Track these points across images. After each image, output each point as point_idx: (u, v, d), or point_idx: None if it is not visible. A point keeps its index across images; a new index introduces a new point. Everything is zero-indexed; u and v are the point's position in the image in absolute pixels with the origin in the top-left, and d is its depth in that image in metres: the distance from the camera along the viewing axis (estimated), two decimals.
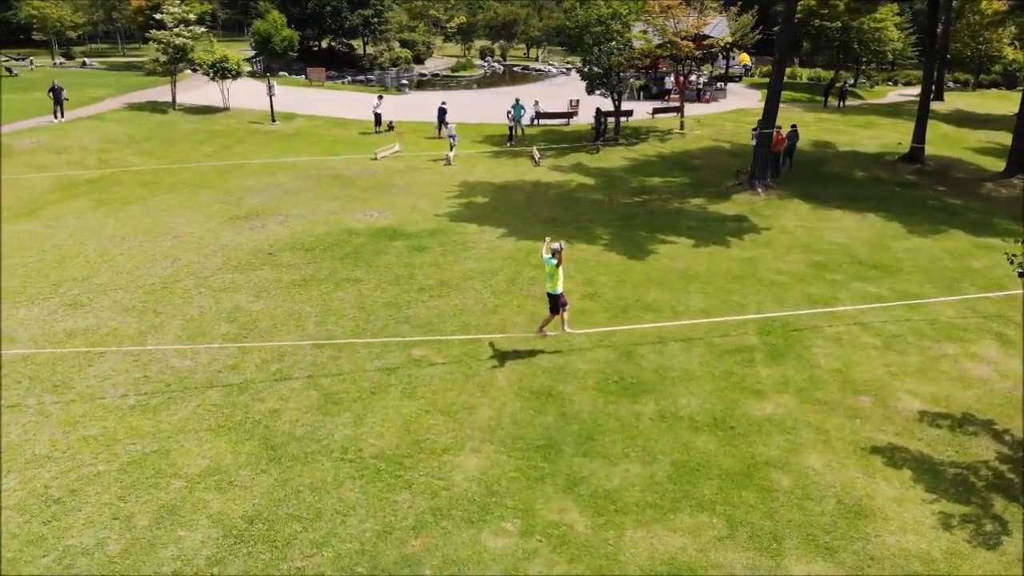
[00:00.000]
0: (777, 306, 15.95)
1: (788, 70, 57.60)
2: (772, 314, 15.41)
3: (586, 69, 32.92)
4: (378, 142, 33.40)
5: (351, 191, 25.56)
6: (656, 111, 38.70)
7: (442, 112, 34.79)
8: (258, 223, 21.74)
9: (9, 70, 49.64)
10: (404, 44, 66.51)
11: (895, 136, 34.20)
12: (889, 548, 9.07)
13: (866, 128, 36.09)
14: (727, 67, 49.69)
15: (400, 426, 11.46)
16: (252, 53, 55.72)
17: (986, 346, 14.23)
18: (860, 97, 49.11)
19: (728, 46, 36.61)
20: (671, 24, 32.66)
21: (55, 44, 64.96)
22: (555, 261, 13.36)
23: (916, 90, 44.50)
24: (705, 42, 33.95)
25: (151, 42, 37.34)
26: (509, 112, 34.09)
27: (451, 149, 30.65)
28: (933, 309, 16.01)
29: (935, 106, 38.90)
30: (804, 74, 60.49)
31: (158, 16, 37.20)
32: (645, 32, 34.02)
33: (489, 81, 63.01)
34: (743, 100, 45.10)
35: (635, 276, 17.73)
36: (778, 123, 26.38)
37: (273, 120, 37.06)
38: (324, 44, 61.71)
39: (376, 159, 30.41)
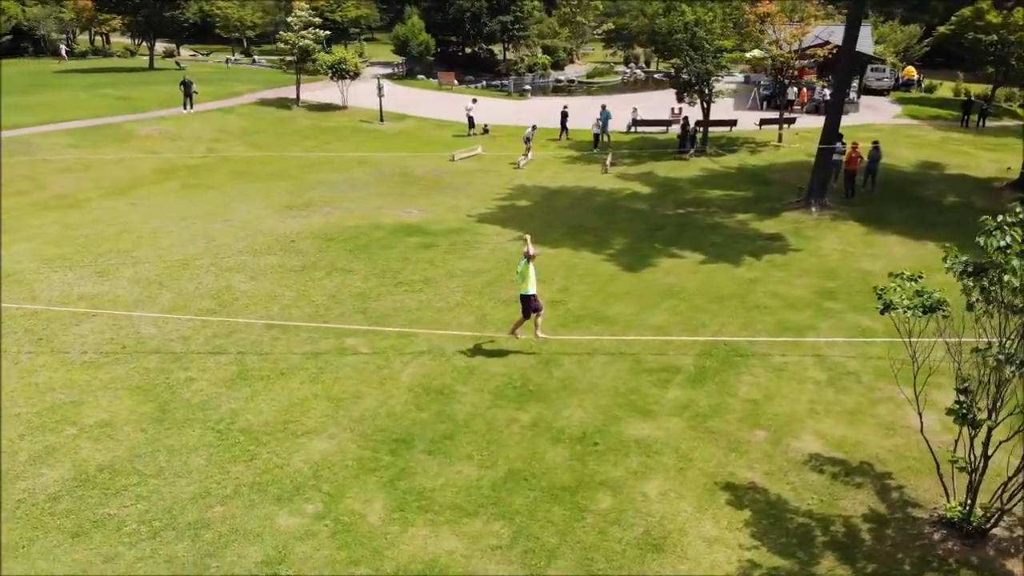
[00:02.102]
0: (739, 330, 15.04)
1: (951, 85, 52.44)
2: (726, 338, 14.57)
3: (674, 76, 32.07)
4: (466, 144, 34.46)
5: (408, 189, 26.73)
6: (763, 122, 36.83)
7: (564, 116, 35.68)
8: (305, 213, 23.39)
9: (177, 63, 55.82)
10: (546, 50, 67.48)
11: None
12: None
13: (992, 151, 32.21)
14: (860, 79, 46.03)
15: (282, 407, 12.19)
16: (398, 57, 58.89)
17: (950, 395, 12.63)
18: (1019, 117, 43.70)
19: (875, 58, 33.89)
20: (771, 32, 31.03)
21: (244, 42, 71.86)
22: (525, 261, 13.57)
23: None
24: (808, 51, 31.89)
25: (279, 43, 40.76)
26: (597, 119, 33.95)
27: (526, 153, 31.12)
28: (923, 349, 14.37)
29: None
30: (974, 89, 54.64)
31: (289, 19, 40.58)
32: (759, 52, 32.57)
33: (626, 87, 62.47)
34: (876, 115, 41.71)
35: (615, 288, 17.36)
36: (853, 139, 24.41)
37: (381, 120, 39.27)
38: (468, 49, 64.06)
39: (453, 160, 31.46)
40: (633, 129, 37.96)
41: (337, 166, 30.09)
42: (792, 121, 36.07)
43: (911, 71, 55.38)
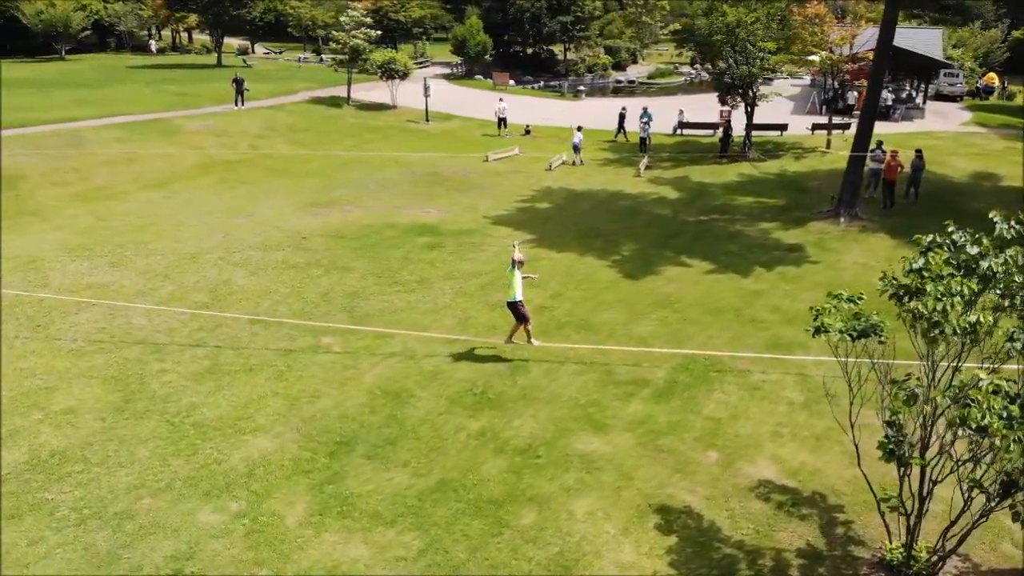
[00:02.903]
0: (726, 344, 14.41)
1: None
2: (707, 352, 13.98)
3: (717, 79, 31.14)
4: (503, 144, 34.35)
5: (434, 189, 26.80)
6: (815, 127, 35.40)
7: (621, 118, 35.30)
8: (325, 211, 23.72)
9: (244, 61, 57.55)
10: (609, 50, 66.72)
11: None
12: None
13: None
14: (926, 85, 43.74)
15: (240, 403, 12.33)
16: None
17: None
18: None
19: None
20: (821, 34, 29.75)
21: (321, 40, 73.23)
22: (512, 267, 13.43)
23: None
24: (860, 54, 30.43)
25: (330, 43, 41.49)
26: (642, 121, 33.27)
27: (575, 154, 30.90)
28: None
29: None
30: None
31: (343, 18, 41.33)
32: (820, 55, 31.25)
33: (688, 89, 61.15)
34: (943, 121, 39.55)
35: (609, 295, 16.93)
36: (892, 147, 23.15)
37: (427, 119, 39.55)
38: (529, 49, 63.91)
39: (487, 160, 31.39)
40: (679, 132, 37.08)
41: (372, 165, 30.42)
42: (846, 127, 34.53)
43: (992, 77, 52.34)
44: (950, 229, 7.90)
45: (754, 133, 32.08)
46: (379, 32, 42.44)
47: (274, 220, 22.52)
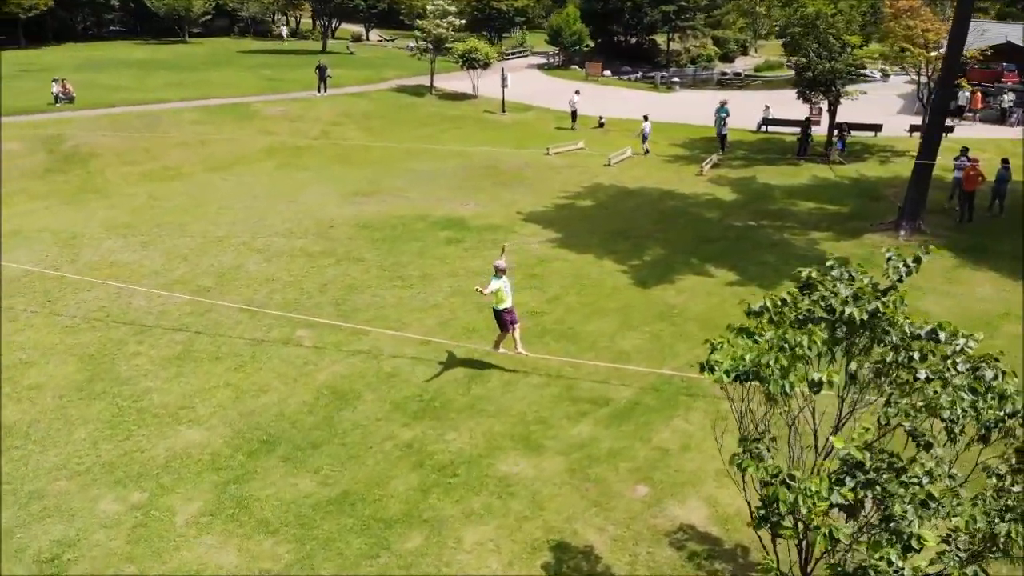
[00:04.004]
0: None
1: None
2: (685, 374, 12.87)
3: (798, 74, 28.99)
4: (569, 138, 33.47)
5: (482, 182, 26.38)
6: (913, 128, 32.37)
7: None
8: (366, 201, 23.78)
9: (347, 48, 58.84)
10: (717, 41, 63.94)
11: None
12: None
13: None
14: None
15: (191, 391, 12.42)
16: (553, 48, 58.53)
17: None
18: None
19: None
20: (912, 29, 27.04)
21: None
22: (496, 276, 12.72)
23: None
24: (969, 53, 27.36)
25: (415, 31, 41.74)
26: (719, 116, 31.48)
27: (643, 143, 29.83)
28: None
29: None
30: None
31: (429, 7, 41.46)
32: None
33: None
34: None
35: (609, 303, 15.99)
36: (973, 154, 20.72)
37: (503, 110, 39.13)
38: (633, 39, 62.17)
39: (547, 154, 30.67)
40: (764, 128, 34.91)
41: (433, 156, 30.32)
42: (949, 130, 31.33)
43: None
44: (829, 263, 6.71)
45: (846, 133, 29.63)
46: (463, 21, 42.25)
47: (313, 208, 22.78)
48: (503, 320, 12.95)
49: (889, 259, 6.55)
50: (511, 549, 8.96)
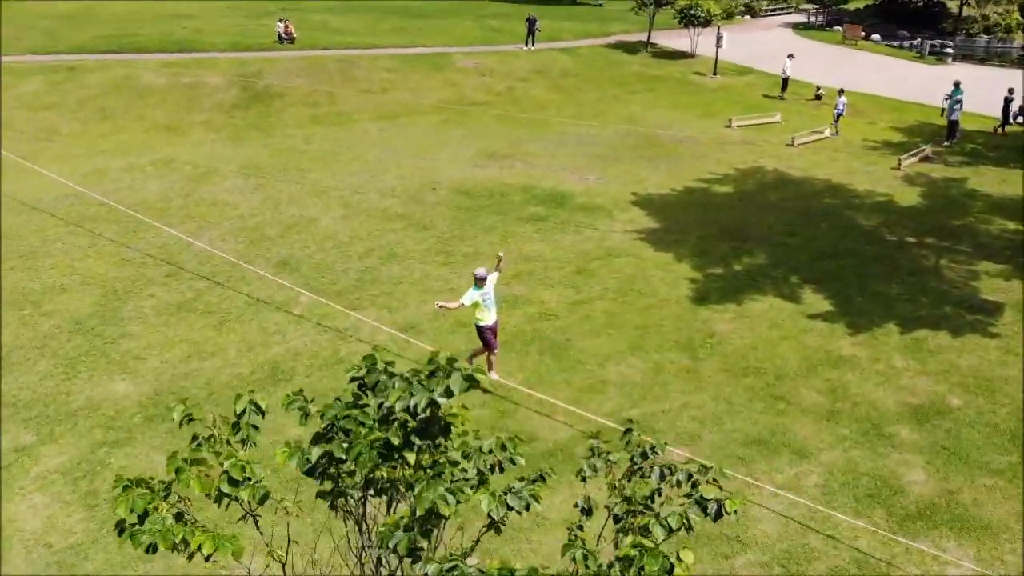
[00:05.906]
0: (696, 425, 10.61)
1: None
2: (645, 436, 10.44)
3: None
4: (768, 109, 29.30)
5: (624, 153, 24.10)
6: None
7: (1007, 101, 26.65)
8: (490, 164, 22.79)
9: (598, 2, 56.76)
10: None
11: None
12: None
13: None
14: None
15: (156, 342, 12.70)
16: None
17: None
18: None
19: None
20: None
21: None
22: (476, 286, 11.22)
23: None
24: None
25: None
26: (948, 98, 25.57)
27: (835, 123, 25.61)
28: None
29: None
30: None
31: None
32: None
33: None
34: None
35: (637, 318, 13.64)
36: None
37: (715, 73, 35.39)
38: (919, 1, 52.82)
39: (729, 126, 27.16)
40: (1018, 120, 27.64)
41: (601, 121, 28.18)
42: None
43: None
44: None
45: None
46: None
47: (436, 167, 22.28)
48: (485, 338, 11.42)
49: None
50: None
